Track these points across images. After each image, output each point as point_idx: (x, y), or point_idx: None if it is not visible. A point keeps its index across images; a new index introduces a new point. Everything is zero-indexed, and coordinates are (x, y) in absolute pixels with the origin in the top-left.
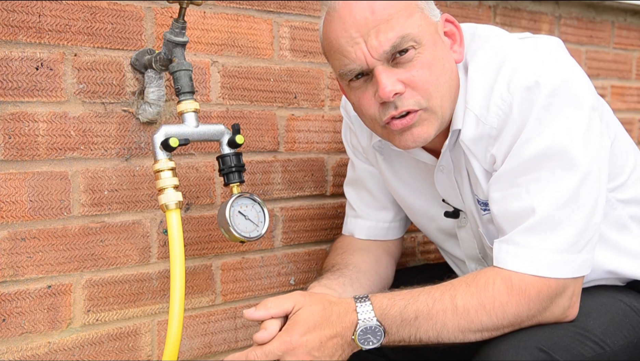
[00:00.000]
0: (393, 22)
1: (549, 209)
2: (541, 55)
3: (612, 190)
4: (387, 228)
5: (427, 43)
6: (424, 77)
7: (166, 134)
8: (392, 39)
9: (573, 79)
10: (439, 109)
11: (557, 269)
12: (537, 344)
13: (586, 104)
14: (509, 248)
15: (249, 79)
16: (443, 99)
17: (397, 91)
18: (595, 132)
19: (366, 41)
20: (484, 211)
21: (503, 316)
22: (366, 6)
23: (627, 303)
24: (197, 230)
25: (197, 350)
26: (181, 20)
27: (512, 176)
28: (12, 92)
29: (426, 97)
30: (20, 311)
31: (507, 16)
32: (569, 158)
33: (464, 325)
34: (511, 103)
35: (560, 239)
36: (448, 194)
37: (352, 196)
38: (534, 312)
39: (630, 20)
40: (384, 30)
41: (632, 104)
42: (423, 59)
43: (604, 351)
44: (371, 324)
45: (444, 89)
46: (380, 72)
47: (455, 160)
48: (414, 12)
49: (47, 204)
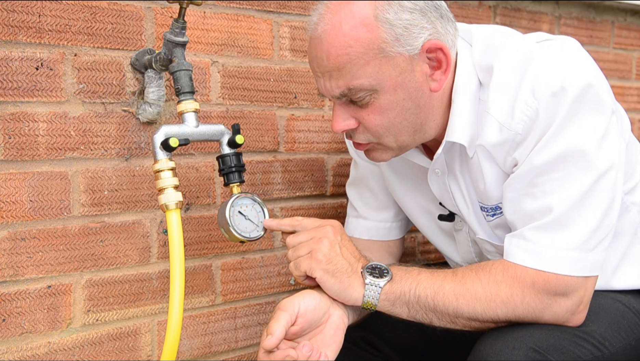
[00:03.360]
0: (344, 71)
1: (564, 208)
2: (563, 59)
3: (625, 193)
4: (389, 228)
5: (384, 89)
6: (374, 122)
7: (166, 134)
8: (341, 87)
9: (596, 83)
10: (393, 144)
11: (562, 266)
12: (532, 344)
13: (607, 107)
14: (519, 243)
15: (249, 79)
16: (398, 136)
17: (346, 128)
18: (614, 135)
19: (323, 79)
20: (492, 217)
21: (496, 292)
22: (325, 49)
23: (625, 304)
24: (197, 230)
25: (197, 350)
26: (181, 20)
27: (530, 177)
28: (12, 92)
29: (376, 137)
30: (20, 311)
31: (507, 16)
32: (586, 159)
33: (458, 290)
34: (537, 109)
35: (571, 237)
36: (443, 197)
37: (354, 196)
38: (529, 301)
39: (630, 20)
40: (335, 77)
41: (632, 104)
42: (376, 105)
43: (601, 353)
44: (379, 265)
45: (399, 128)
46: (335, 108)
47: (450, 164)
48: (370, 60)
49: (47, 204)
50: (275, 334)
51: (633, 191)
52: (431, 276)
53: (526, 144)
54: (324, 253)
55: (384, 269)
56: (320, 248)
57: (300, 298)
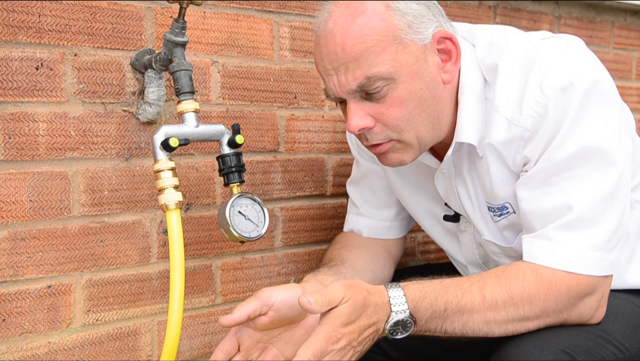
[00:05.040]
0: (361, 60)
1: (587, 206)
2: (570, 55)
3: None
4: (388, 227)
5: (401, 77)
6: (393, 115)
7: (166, 134)
8: (358, 78)
9: (603, 78)
10: (413, 140)
11: (589, 267)
12: (561, 346)
13: (616, 102)
14: (543, 243)
15: (249, 79)
16: (418, 129)
17: (364, 126)
18: (624, 131)
19: (337, 75)
20: (499, 217)
21: (530, 308)
22: (338, 41)
23: (637, 305)
24: (197, 230)
25: (197, 350)
26: (181, 20)
27: (545, 176)
28: (12, 92)
29: (397, 131)
30: (20, 311)
31: (507, 16)
32: (606, 155)
33: (489, 317)
34: (546, 105)
35: (595, 237)
36: (448, 198)
37: (355, 194)
38: (560, 308)
39: (630, 20)
40: (351, 69)
41: (632, 104)
42: (395, 95)
43: (623, 355)
44: (403, 317)
45: (418, 120)
46: (350, 106)
47: (458, 165)
48: (387, 47)
49: (47, 204)
50: (234, 314)
51: (637, 188)
52: (457, 308)
53: (536, 141)
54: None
55: (406, 320)
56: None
57: (281, 290)
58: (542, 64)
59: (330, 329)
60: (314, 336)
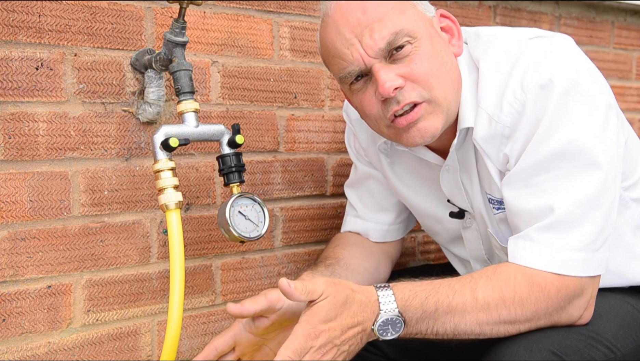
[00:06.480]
0: (385, 19)
1: (568, 207)
2: (554, 53)
3: (625, 189)
4: (386, 231)
5: (423, 37)
6: (423, 69)
7: (166, 134)
8: (386, 37)
9: (587, 77)
10: (443, 100)
11: (575, 268)
12: (550, 347)
13: (601, 101)
14: (525, 244)
15: (249, 79)
16: (446, 90)
17: (397, 86)
18: (612, 130)
19: (361, 41)
20: (497, 210)
21: (522, 311)
22: (357, 7)
23: (634, 305)
24: (197, 230)
25: (197, 349)
26: (181, 20)
27: (527, 175)
28: (12, 92)
29: (428, 88)
30: (20, 311)
31: (507, 16)
32: (588, 157)
33: (482, 318)
34: (524, 102)
35: (578, 238)
36: (453, 195)
37: (353, 197)
38: (551, 310)
39: (630, 20)
40: (377, 29)
41: (632, 104)
42: (421, 52)
43: (614, 355)
44: (392, 315)
45: (445, 80)
46: (378, 69)
47: (462, 160)
48: (406, 9)
49: (47, 204)
50: (243, 306)
51: (633, 187)
52: (449, 309)
53: (515, 139)
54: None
55: (396, 319)
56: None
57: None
58: (525, 61)
59: (309, 326)
60: (293, 335)
